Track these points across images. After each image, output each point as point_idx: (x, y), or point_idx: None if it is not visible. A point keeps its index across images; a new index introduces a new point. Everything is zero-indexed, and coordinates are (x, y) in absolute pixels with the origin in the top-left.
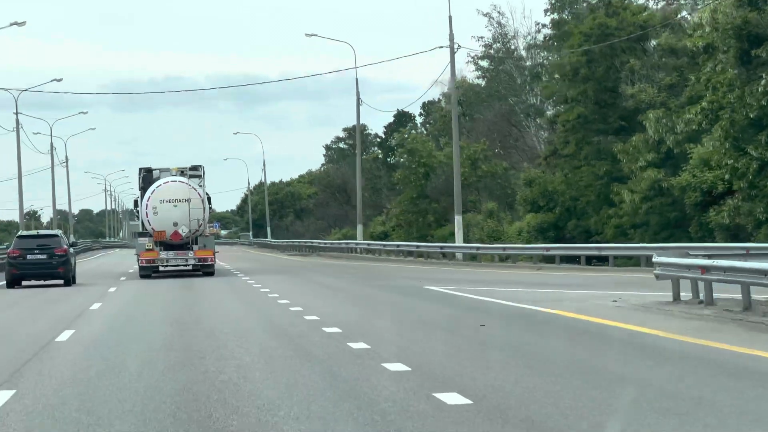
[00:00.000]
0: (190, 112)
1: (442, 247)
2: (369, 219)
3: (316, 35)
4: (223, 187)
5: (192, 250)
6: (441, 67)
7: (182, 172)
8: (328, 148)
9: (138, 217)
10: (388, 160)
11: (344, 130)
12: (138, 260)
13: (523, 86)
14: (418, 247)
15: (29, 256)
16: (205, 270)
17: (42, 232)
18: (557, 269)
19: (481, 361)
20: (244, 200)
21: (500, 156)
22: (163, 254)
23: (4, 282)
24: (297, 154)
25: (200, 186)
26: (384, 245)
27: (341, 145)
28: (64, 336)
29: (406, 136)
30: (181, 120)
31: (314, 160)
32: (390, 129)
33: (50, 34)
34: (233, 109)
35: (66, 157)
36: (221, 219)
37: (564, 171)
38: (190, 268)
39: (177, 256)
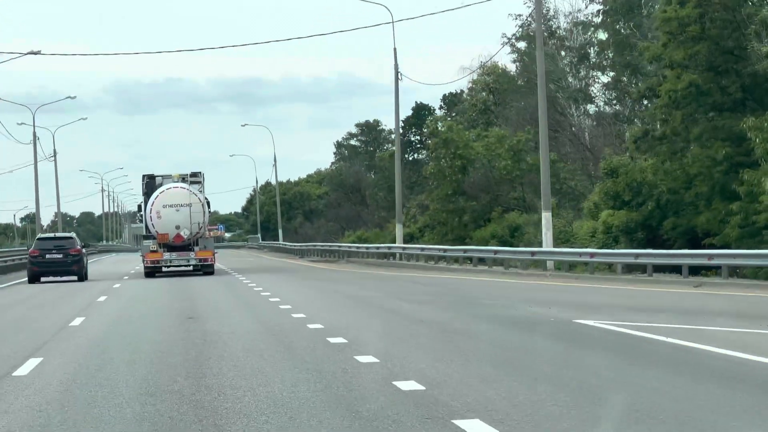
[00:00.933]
0: (191, 115)
1: (533, 253)
2: (386, 221)
3: None
4: (227, 187)
5: (193, 251)
6: (467, 57)
7: (183, 179)
8: (339, 145)
9: (142, 221)
10: (407, 156)
11: (357, 125)
12: (143, 261)
13: (568, 69)
14: (495, 253)
15: (47, 256)
16: (205, 270)
17: (59, 234)
18: (723, 286)
19: None
20: (250, 201)
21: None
22: (167, 255)
23: (26, 278)
24: (299, 157)
25: (200, 191)
26: (443, 250)
27: (353, 142)
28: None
29: (439, 125)
30: (182, 122)
31: (317, 163)
32: (408, 123)
33: (51, 34)
34: (234, 110)
35: (54, 150)
36: (225, 221)
37: (660, 157)
38: (191, 268)
39: (179, 256)
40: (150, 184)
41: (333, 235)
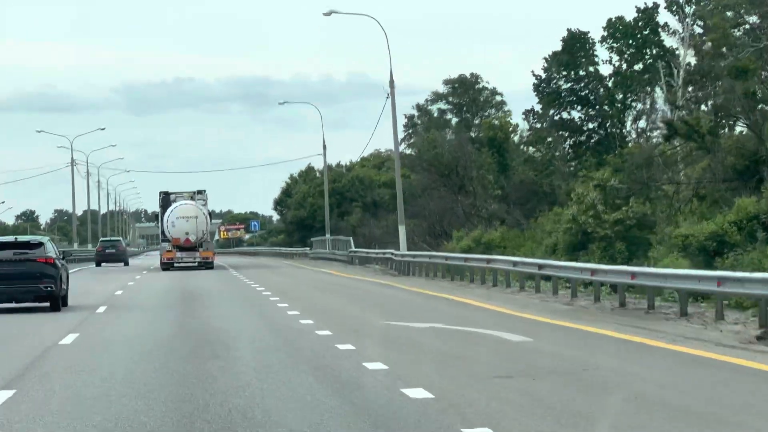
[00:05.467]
0: (202, 114)
1: None
2: (527, 215)
3: None
4: (238, 189)
5: (198, 251)
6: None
7: (192, 197)
8: (419, 109)
9: (159, 228)
10: (554, 115)
11: (446, 82)
12: (161, 258)
13: None
14: None
15: (107, 251)
16: (207, 266)
17: (113, 238)
18: None
19: None
20: (286, 192)
21: None
22: (178, 254)
23: (93, 264)
24: (305, 160)
25: (204, 206)
26: None
27: (440, 105)
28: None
29: None
30: (193, 122)
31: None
32: (555, 62)
33: (62, 34)
34: (245, 110)
35: None
36: (243, 221)
37: None
38: (196, 264)
39: (188, 255)
40: (165, 200)
41: (416, 236)
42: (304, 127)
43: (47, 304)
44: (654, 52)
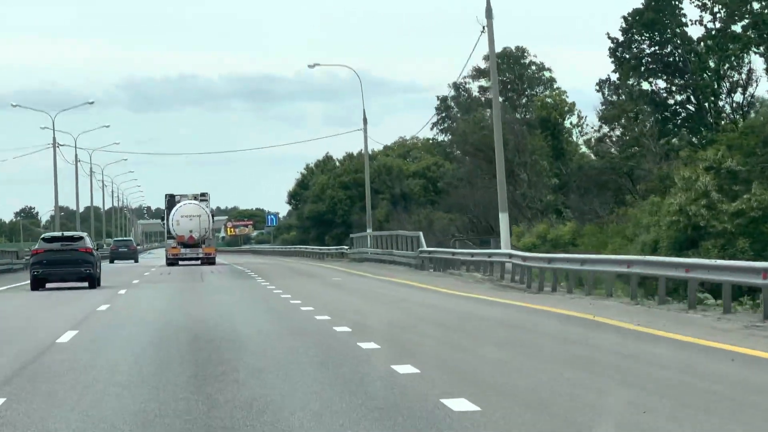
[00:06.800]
0: (205, 112)
1: None
2: (554, 207)
3: None
4: (242, 181)
5: (201, 248)
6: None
7: (195, 198)
8: (456, 88)
9: (165, 227)
10: (634, 84)
11: (486, 57)
12: (166, 254)
13: None
14: None
15: (120, 249)
16: (209, 261)
17: (125, 238)
18: None
19: None
20: (302, 183)
21: None
22: (183, 250)
23: (107, 261)
24: (313, 155)
25: (207, 206)
26: None
27: (481, 82)
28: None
29: None
30: (196, 119)
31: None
32: (636, 21)
33: (65, 31)
34: (248, 108)
35: None
36: (251, 217)
37: None
38: (199, 261)
39: (191, 251)
40: (171, 201)
41: (457, 231)
42: (306, 125)
43: (86, 283)
44: (757, 8)
